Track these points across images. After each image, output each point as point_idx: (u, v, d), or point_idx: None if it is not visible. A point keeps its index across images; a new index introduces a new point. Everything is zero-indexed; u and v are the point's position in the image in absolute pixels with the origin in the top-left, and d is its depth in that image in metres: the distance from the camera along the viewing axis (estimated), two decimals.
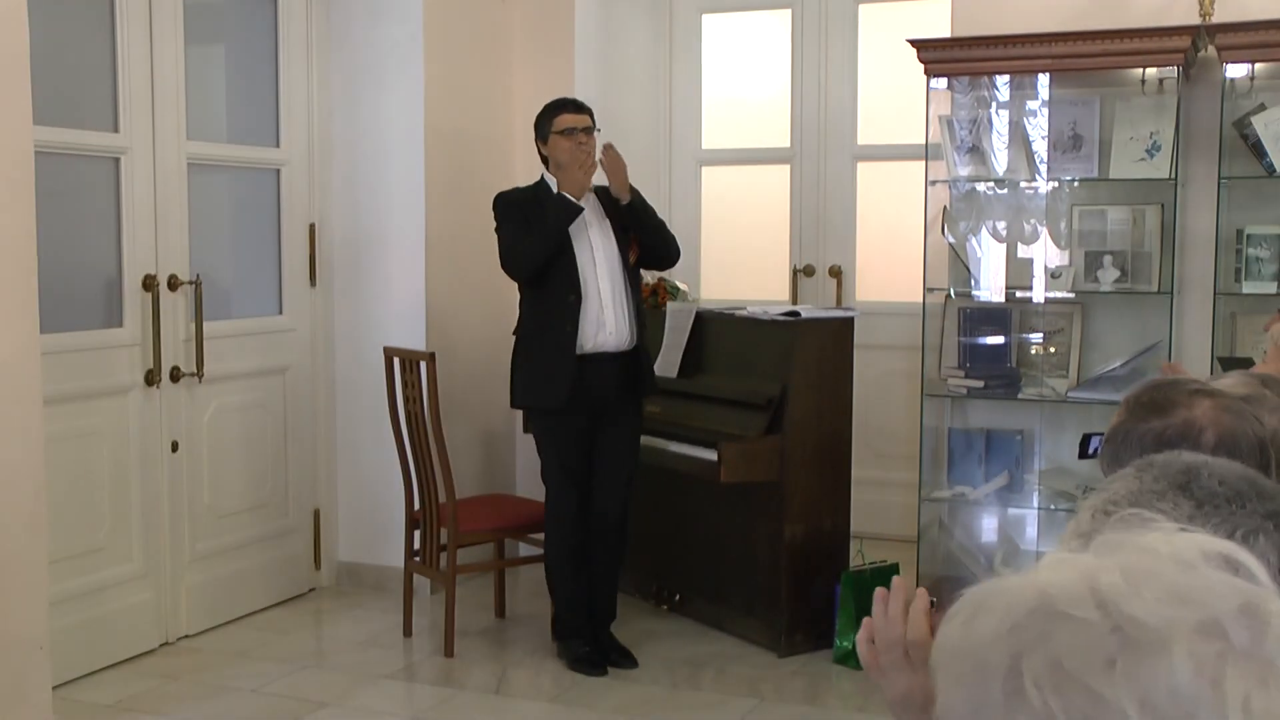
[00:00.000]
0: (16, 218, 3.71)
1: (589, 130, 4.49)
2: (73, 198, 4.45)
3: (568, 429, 4.52)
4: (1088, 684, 0.73)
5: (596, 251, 4.51)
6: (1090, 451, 2.95)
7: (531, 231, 4.44)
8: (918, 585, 4.95)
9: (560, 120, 4.48)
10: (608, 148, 4.51)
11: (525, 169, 5.96)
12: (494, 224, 4.58)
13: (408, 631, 4.94)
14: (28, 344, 3.76)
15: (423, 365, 4.67)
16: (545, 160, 4.56)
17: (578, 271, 4.46)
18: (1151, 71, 4.73)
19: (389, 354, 4.90)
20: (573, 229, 4.45)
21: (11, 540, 3.72)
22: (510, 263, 4.53)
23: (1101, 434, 2.15)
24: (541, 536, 4.94)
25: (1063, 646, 0.74)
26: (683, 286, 5.59)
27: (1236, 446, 1.70)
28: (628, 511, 4.67)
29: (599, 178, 4.56)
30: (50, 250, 4.07)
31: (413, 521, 4.90)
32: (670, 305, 5.27)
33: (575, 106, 4.55)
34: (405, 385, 4.77)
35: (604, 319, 4.47)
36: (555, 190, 4.46)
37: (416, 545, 4.90)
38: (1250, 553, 0.81)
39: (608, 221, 4.55)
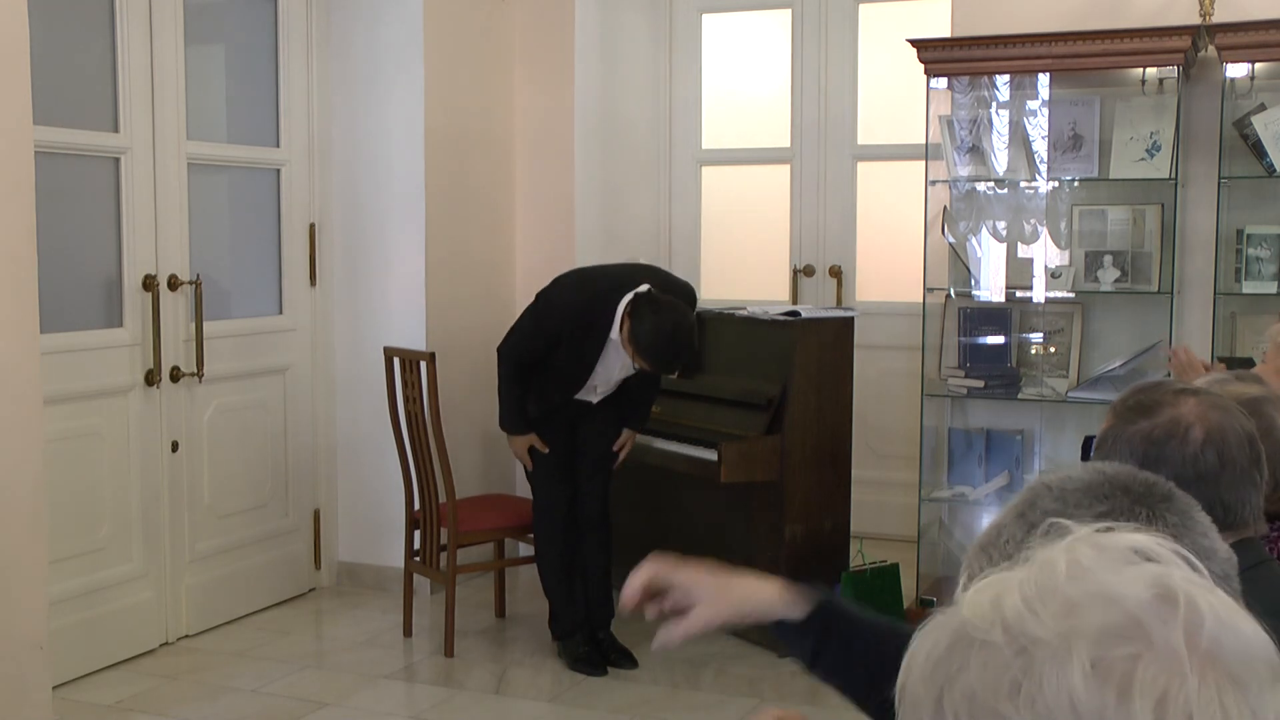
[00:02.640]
0: (17, 217, 3.71)
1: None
2: (73, 198, 4.45)
3: (552, 428, 4.58)
4: (997, 710, 0.72)
5: (598, 376, 4.57)
6: (1093, 455, 2.93)
7: (574, 363, 4.49)
8: (917, 584, 4.95)
9: (643, 364, 4.38)
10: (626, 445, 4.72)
11: (525, 168, 5.97)
12: (537, 305, 4.59)
13: (408, 631, 4.94)
14: (28, 344, 3.76)
15: (423, 365, 4.67)
16: (626, 319, 4.38)
17: (576, 385, 4.56)
18: (1151, 71, 4.73)
19: (389, 354, 4.90)
20: (606, 371, 4.55)
21: (12, 540, 3.72)
22: (502, 361, 4.58)
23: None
24: None
25: (975, 676, 0.74)
26: None
27: (1225, 442, 1.70)
28: (608, 508, 4.70)
29: None
30: (50, 250, 4.07)
31: (413, 521, 4.90)
32: None
33: (665, 370, 4.50)
34: (405, 385, 4.77)
35: (588, 393, 4.63)
36: (616, 330, 4.39)
37: (416, 545, 4.90)
38: (1156, 536, 0.79)
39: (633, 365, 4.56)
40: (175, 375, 4.75)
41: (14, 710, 3.75)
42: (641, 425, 4.76)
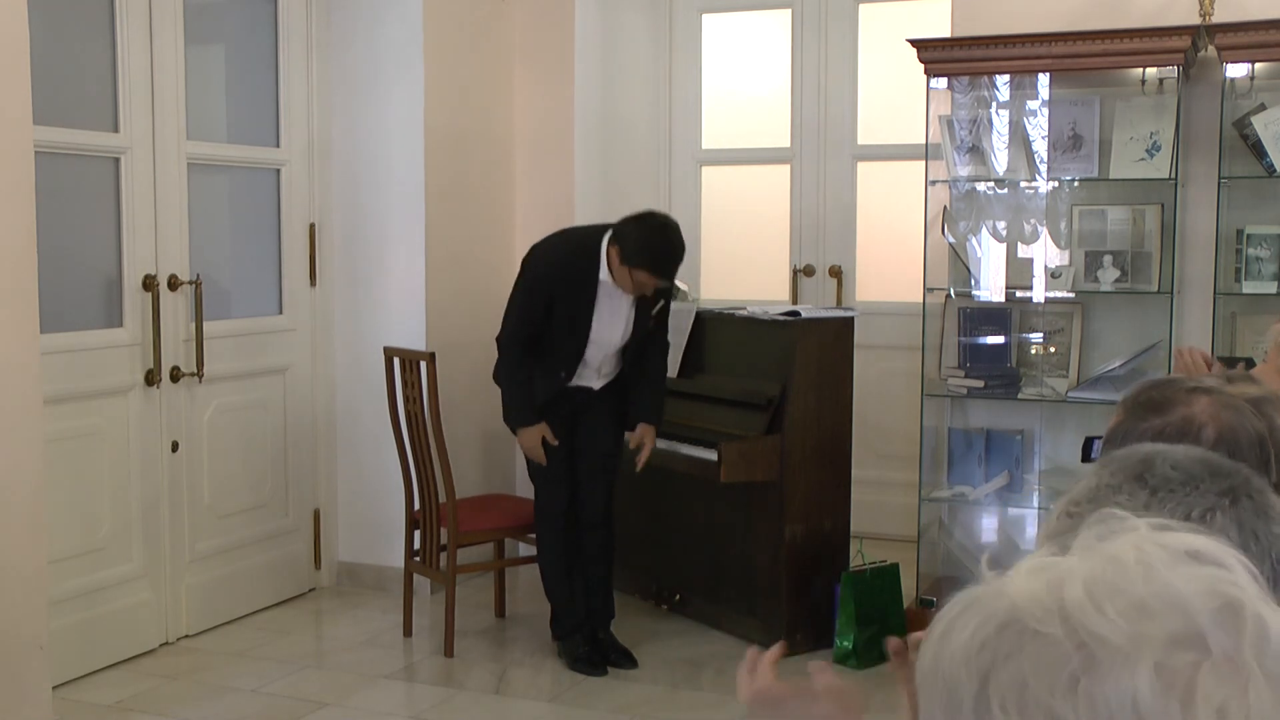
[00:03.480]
0: (17, 217, 3.72)
1: (659, 291, 4.43)
2: (73, 198, 4.45)
3: (551, 428, 4.53)
4: (1050, 705, 0.71)
5: (597, 336, 4.46)
6: (1093, 456, 2.91)
7: (570, 323, 4.39)
8: (917, 584, 4.95)
9: (641, 274, 4.29)
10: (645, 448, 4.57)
11: (525, 168, 5.97)
12: (515, 280, 4.52)
13: (408, 631, 4.94)
14: (28, 344, 3.76)
15: (423, 365, 4.67)
16: (612, 247, 4.35)
17: (576, 354, 4.47)
18: (1151, 71, 4.73)
19: (389, 354, 4.89)
20: (607, 327, 4.45)
21: (12, 540, 3.72)
22: (503, 349, 4.52)
23: (1101, 437, 2.15)
24: None
25: (1029, 665, 0.73)
26: (683, 287, 5.59)
27: (1236, 442, 1.70)
28: (610, 508, 4.67)
29: None
30: (50, 250, 4.07)
31: (413, 521, 4.90)
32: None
33: (664, 273, 4.35)
34: (405, 385, 4.77)
35: (590, 374, 4.56)
36: (605, 270, 4.35)
37: (416, 545, 4.90)
38: (1212, 535, 0.78)
39: (631, 312, 4.47)
40: (175, 375, 4.75)
41: (14, 710, 3.75)
42: (658, 418, 4.61)
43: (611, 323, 4.45)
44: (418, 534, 4.88)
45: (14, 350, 3.71)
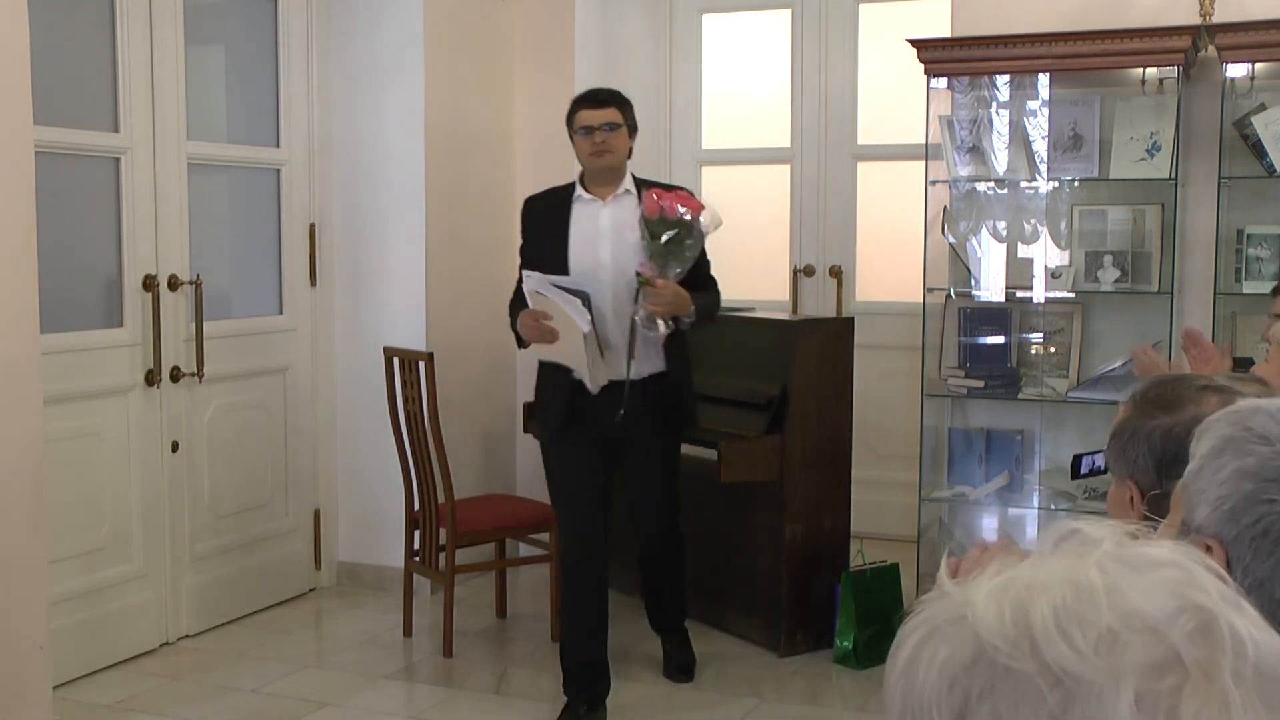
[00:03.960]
0: (17, 217, 3.72)
1: (612, 126, 4.06)
2: (73, 198, 4.45)
3: (566, 453, 4.11)
4: None
5: (577, 255, 4.04)
6: (1083, 472, 2.90)
7: (544, 249, 4.07)
8: (917, 584, 4.95)
9: (578, 118, 4.08)
10: (650, 286, 3.91)
11: (525, 168, 5.97)
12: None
13: (408, 631, 4.94)
14: (28, 344, 3.76)
15: (422, 365, 4.67)
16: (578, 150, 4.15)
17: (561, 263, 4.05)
18: (1152, 71, 4.74)
19: (389, 354, 4.89)
20: (583, 243, 4.06)
21: (12, 540, 3.72)
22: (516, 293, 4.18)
23: (1090, 453, 2.14)
24: (541, 536, 4.94)
25: (1004, 705, 0.71)
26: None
27: None
28: (674, 528, 4.36)
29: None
30: (51, 250, 4.07)
31: (412, 521, 4.90)
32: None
33: (594, 101, 4.11)
34: (405, 385, 4.77)
35: (612, 353, 4.04)
36: (579, 188, 4.11)
37: (416, 545, 4.90)
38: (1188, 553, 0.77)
39: (632, 237, 4.01)
40: (175, 375, 4.75)
41: (14, 710, 3.75)
42: (696, 305, 4.02)
43: (592, 240, 4.04)
44: (417, 534, 4.88)
45: (14, 350, 3.71)
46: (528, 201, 4.31)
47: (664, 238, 3.90)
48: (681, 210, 3.93)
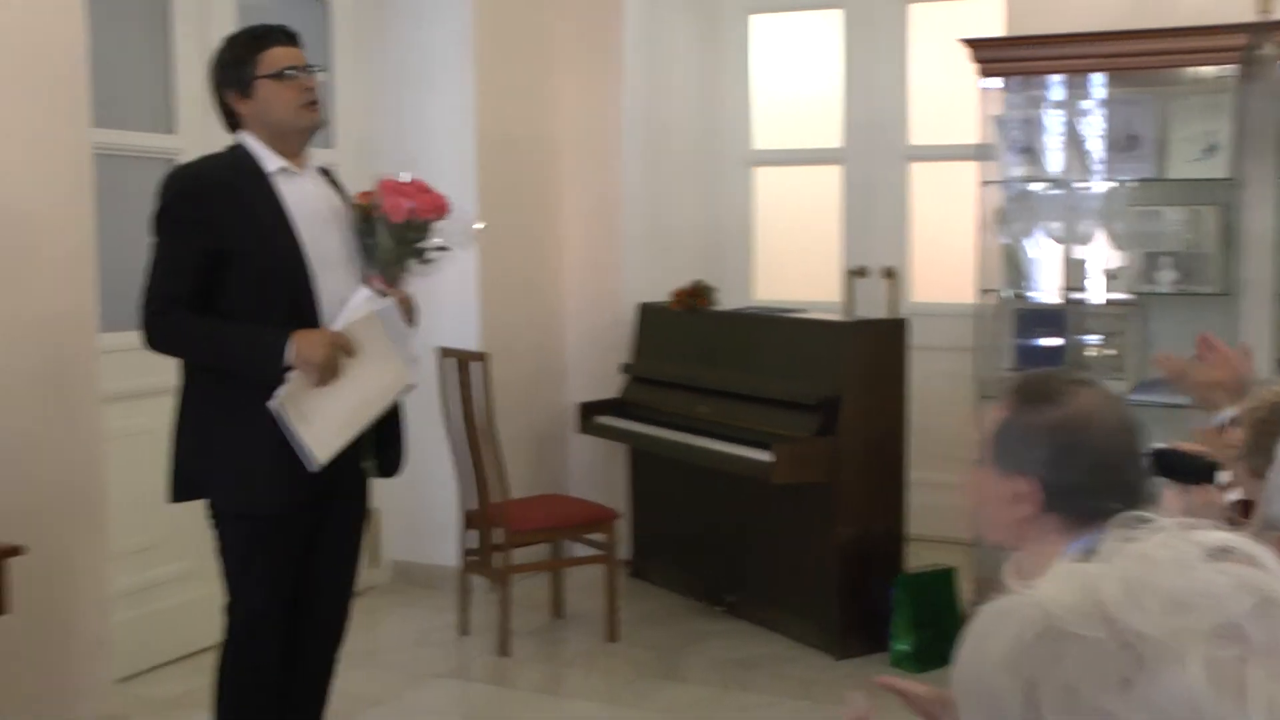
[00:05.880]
0: (77, 219, 3.77)
1: (309, 69, 3.12)
2: (131, 198, 4.49)
3: (291, 527, 3.21)
4: (1103, 706, 0.71)
5: (318, 253, 3.08)
6: (1165, 468, 2.64)
7: (259, 238, 2.99)
8: (974, 588, 4.91)
9: (272, 56, 3.06)
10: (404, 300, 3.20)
11: (572, 170, 5.98)
12: (158, 223, 3.09)
13: (462, 630, 4.96)
14: (87, 343, 3.81)
15: (477, 366, 4.68)
16: (233, 117, 3.14)
17: (304, 299, 3.06)
18: (1209, 70, 4.68)
19: (443, 354, 4.92)
20: (314, 231, 3.09)
21: (74, 536, 3.77)
22: (155, 328, 3.05)
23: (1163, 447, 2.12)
24: (596, 536, 4.95)
25: (1074, 669, 0.73)
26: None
27: (1132, 431, 1.76)
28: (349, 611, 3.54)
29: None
30: (109, 251, 4.11)
31: (467, 521, 4.91)
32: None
33: (288, 37, 3.13)
34: (459, 385, 4.78)
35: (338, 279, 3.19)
36: (262, 154, 3.06)
37: (471, 545, 4.91)
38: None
39: (342, 224, 3.16)
40: None
41: (77, 703, 3.80)
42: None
43: (317, 226, 3.10)
44: (472, 533, 4.89)
45: (74, 349, 3.76)
46: (186, 177, 3.12)
47: (411, 244, 3.16)
48: (432, 211, 3.19)
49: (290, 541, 3.12)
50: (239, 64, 3.07)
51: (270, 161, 3.07)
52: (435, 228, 3.20)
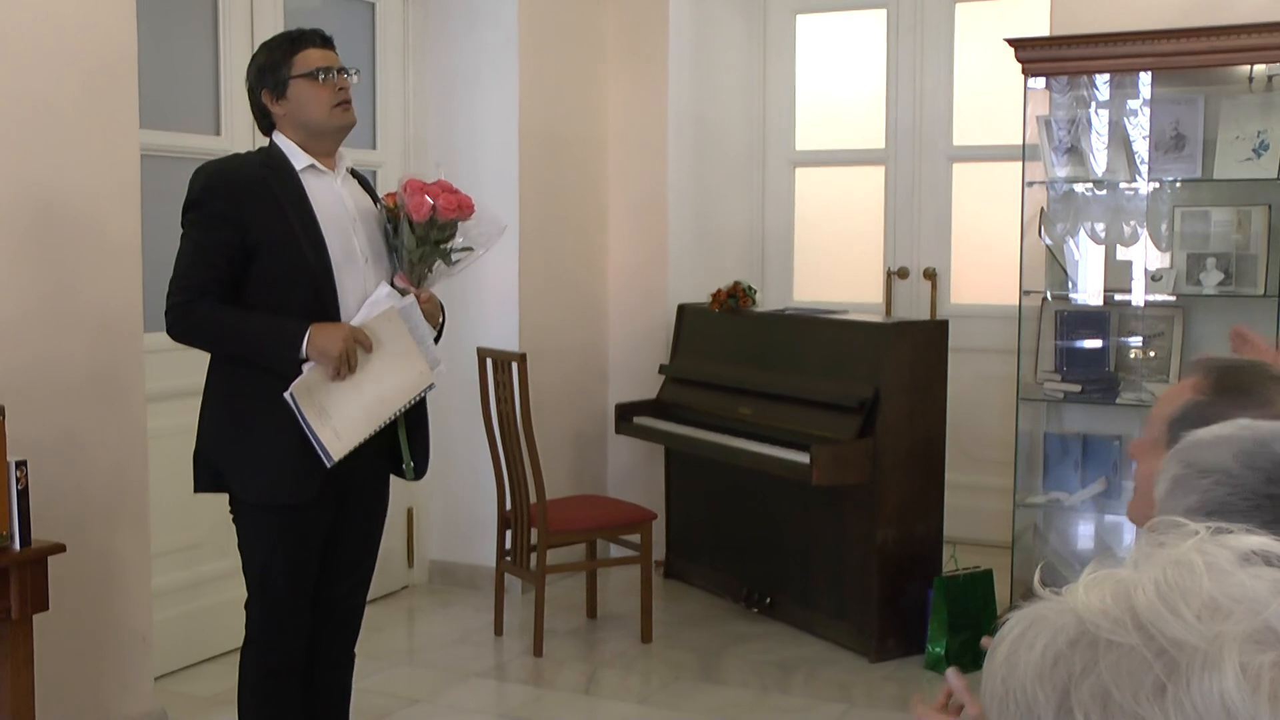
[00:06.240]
0: (123, 220, 3.81)
1: (346, 73, 3.16)
2: (175, 199, 4.53)
3: (315, 511, 3.21)
4: (1138, 713, 0.71)
5: (341, 258, 3.11)
6: None
7: (285, 236, 3.03)
8: (1011, 591, 4.88)
9: (305, 58, 3.09)
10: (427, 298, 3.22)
11: (618, 170, 5.98)
12: (187, 216, 3.09)
13: (499, 630, 4.98)
14: (132, 343, 3.86)
15: (514, 366, 4.70)
16: (267, 118, 3.15)
17: (326, 293, 3.10)
18: (1259, 68, 4.62)
19: (482, 354, 4.93)
20: (339, 231, 3.12)
21: (118, 534, 3.81)
22: (178, 318, 3.08)
23: None
24: (632, 537, 4.95)
25: (1110, 676, 0.72)
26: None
27: None
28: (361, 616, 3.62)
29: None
30: (153, 251, 4.16)
31: (504, 521, 4.93)
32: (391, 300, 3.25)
33: (323, 39, 3.16)
34: (497, 385, 4.80)
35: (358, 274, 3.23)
36: (293, 153, 3.10)
37: (508, 545, 4.93)
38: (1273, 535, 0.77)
39: (372, 224, 3.20)
40: None
41: (119, 700, 3.85)
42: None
43: (345, 226, 3.14)
44: (509, 534, 4.91)
45: (121, 348, 3.81)
46: (216, 172, 3.11)
47: (436, 244, 3.19)
48: (455, 210, 3.20)
49: (311, 533, 3.15)
50: (274, 66, 3.11)
51: (300, 159, 3.11)
52: (460, 228, 3.23)
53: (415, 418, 3.32)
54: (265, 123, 3.18)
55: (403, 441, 3.31)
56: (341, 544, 3.26)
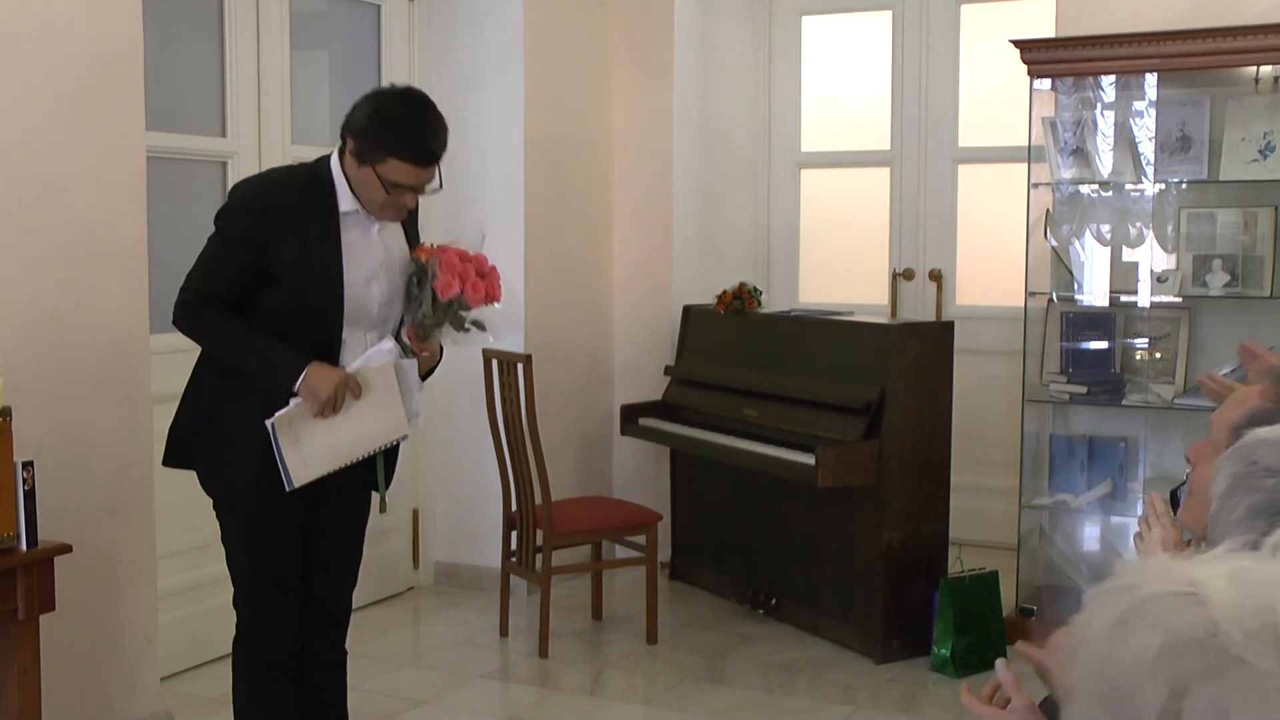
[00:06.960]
0: (129, 221, 3.82)
1: (419, 190, 3.18)
2: (182, 201, 4.55)
3: (290, 513, 3.28)
4: None
5: (353, 293, 3.14)
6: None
7: (307, 270, 3.06)
8: (1017, 593, 4.87)
9: (393, 169, 3.06)
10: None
11: (623, 173, 5.99)
12: (219, 222, 3.16)
13: (504, 632, 4.98)
14: (140, 344, 3.86)
15: (520, 367, 4.70)
16: (345, 155, 3.12)
17: (332, 320, 3.14)
18: (1265, 70, 4.61)
19: (487, 356, 4.93)
20: (360, 274, 3.16)
21: (123, 535, 3.82)
22: (184, 315, 3.12)
23: (1182, 484, 2.05)
24: (638, 539, 4.95)
25: (1232, 694, 0.68)
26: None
27: None
28: (349, 613, 3.57)
29: None
30: (160, 253, 4.17)
31: (509, 522, 4.93)
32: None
33: (425, 156, 3.11)
34: (503, 387, 4.80)
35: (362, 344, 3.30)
36: (341, 191, 3.10)
37: (513, 546, 4.93)
38: None
39: (397, 275, 3.24)
40: None
41: (124, 700, 3.85)
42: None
43: (368, 272, 3.15)
44: (514, 535, 4.91)
45: (127, 350, 3.81)
46: (256, 190, 3.15)
47: (453, 312, 3.25)
48: (480, 300, 3.28)
49: (283, 532, 3.20)
50: (369, 140, 3.06)
51: (346, 202, 3.13)
52: (481, 310, 3.29)
53: (389, 451, 3.38)
54: (343, 154, 3.13)
55: (380, 475, 3.38)
56: (322, 539, 3.31)
